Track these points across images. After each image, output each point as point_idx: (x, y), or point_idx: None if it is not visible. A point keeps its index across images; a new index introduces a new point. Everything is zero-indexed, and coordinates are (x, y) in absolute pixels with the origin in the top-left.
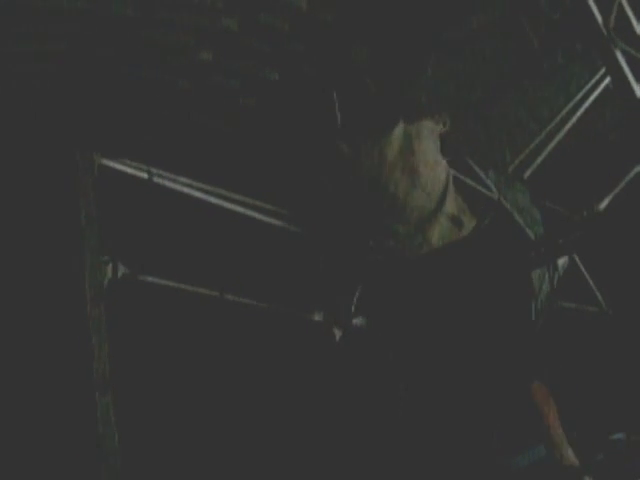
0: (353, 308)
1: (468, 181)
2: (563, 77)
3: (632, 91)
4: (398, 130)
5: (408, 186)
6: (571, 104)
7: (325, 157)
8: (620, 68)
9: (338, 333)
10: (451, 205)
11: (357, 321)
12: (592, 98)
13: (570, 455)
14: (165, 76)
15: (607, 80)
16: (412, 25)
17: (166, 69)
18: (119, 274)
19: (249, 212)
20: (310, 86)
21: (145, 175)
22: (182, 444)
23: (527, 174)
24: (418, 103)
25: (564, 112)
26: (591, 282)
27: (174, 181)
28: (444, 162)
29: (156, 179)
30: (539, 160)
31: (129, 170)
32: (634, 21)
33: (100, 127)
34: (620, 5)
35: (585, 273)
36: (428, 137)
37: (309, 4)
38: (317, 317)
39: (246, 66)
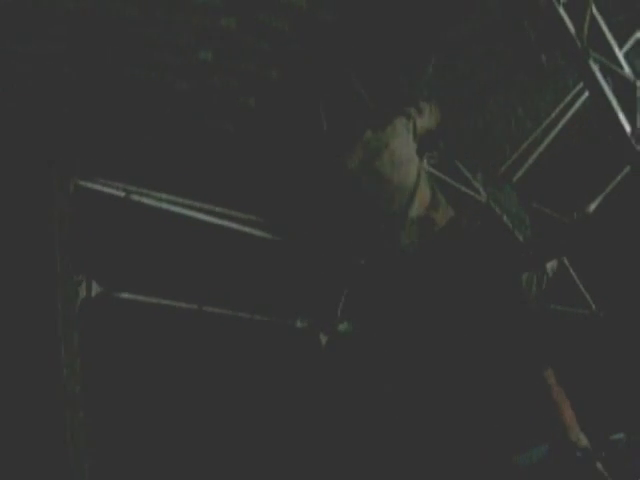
0: (339, 314)
1: (456, 184)
2: (563, 77)
3: (607, 101)
4: (365, 136)
5: (374, 192)
6: (560, 107)
7: (314, 161)
8: (595, 79)
9: (324, 339)
10: (420, 205)
11: (343, 327)
12: (581, 100)
13: (583, 438)
14: (164, 76)
15: None
16: (412, 25)
17: (166, 69)
18: (93, 293)
19: (228, 223)
20: (309, 87)
21: (122, 194)
22: (159, 463)
23: (516, 177)
24: (416, 103)
25: (553, 115)
26: (580, 284)
27: (152, 197)
28: (416, 159)
29: (133, 197)
30: (528, 163)
31: (106, 189)
32: (607, 31)
33: (79, 144)
34: (592, 16)
35: (574, 275)
36: (400, 135)
37: (309, 4)
38: (301, 324)
39: (246, 66)
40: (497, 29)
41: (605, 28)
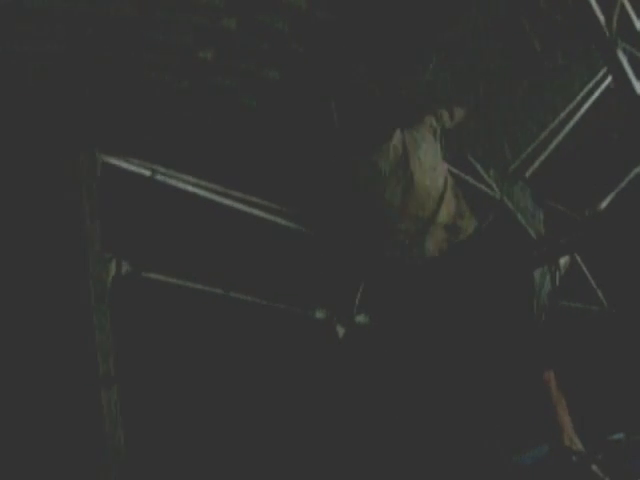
0: (356, 305)
1: (470, 180)
2: (563, 77)
3: (634, 91)
4: (395, 137)
5: (404, 195)
6: (572, 104)
7: (325, 159)
8: (622, 68)
9: (341, 330)
10: (447, 212)
11: (360, 318)
12: (593, 98)
13: (578, 442)
14: (165, 76)
15: (609, 80)
16: (412, 25)
17: (166, 69)
18: (123, 271)
19: (252, 210)
20: (310, 86)
21: (148, 173)
22: (187, 440)
23: (529, 173)
24: (417, 104)
25: (565, 112)
26: (592, 281)
27: (177, 179)
28: (443, 165)
29: (159, 177)
30: (541, 159)
31: (132, 168)
32: (636, 21)
33: (102, 125)
34: (622, 5)
35: (587, 272)
36: (428, 139)
37: (309, 4)
38: (319, 315)
39: (246, 66)
40: (497, 29)
41: (635, 18)
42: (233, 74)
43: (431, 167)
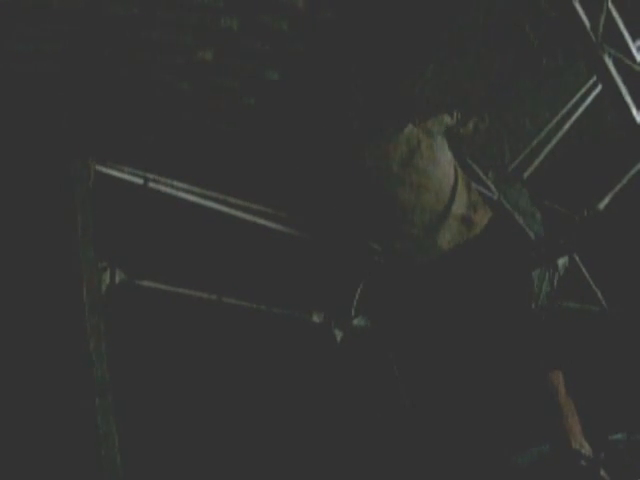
0: (353, 309)
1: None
2: (563, 77)
3: (621, 97)
4: (408, 129)
5: (418, 187)
6: (570, 103)
7: (326, 158)
8: (609, 73)
9: (339, 334)
10: (461, 204)
11: (357, 322)
12: (592, 97)
13: (586, 445)
14: (164, 76)
15: None
16: (412, 25)
17: (166, 69)
18: (117, 280)
19: (246, 215)
20: (310, 86)
21: (141, 181)
22: (183, 447)
23: (527, 174)
24: (418, 103)
25: (564, 111)
26: (591, 281)
27: (171, 186)
28: (452, 158)
29: (152, 184)
30: (539, 160)
31: (125, 176)
32: (622, 26)
33: (96, 132)
34: (608, 10)
35: (585, 272)
36: (438, 133)
37: (309, 4)
38: (317, 318)
39: (246, 66)
40: (497, 29)
41: (620, 23)
42: (233, 74)
43: (445, 160)
